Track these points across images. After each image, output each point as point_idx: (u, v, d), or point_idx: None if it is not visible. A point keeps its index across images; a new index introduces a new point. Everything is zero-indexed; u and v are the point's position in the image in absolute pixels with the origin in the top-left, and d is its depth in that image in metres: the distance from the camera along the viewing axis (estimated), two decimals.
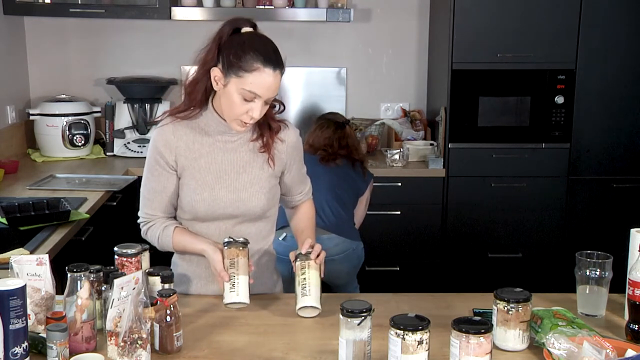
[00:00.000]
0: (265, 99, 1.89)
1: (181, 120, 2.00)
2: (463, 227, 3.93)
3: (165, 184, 2.03)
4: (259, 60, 1.84)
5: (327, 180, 3.21)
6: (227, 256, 1.88)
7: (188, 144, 2.00)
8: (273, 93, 1.90)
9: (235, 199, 2.02)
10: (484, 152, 3.87)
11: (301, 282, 1.90)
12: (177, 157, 2.00)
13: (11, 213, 2.63)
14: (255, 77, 1.85)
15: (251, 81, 1.85)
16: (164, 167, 2.01)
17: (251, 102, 1.88)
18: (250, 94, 1.86)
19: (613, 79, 3.83)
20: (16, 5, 3.87)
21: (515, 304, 1.66)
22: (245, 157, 2.03)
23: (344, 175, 3.29)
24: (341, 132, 3.37)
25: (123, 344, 1.53)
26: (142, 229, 2.10)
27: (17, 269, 1.72)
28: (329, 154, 3.28)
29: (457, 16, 3.75)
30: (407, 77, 4.42)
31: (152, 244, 2.07)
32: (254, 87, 1.85)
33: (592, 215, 3.94)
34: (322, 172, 3.20)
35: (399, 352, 1.49)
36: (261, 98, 1.88)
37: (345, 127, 3.40)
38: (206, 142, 2.01)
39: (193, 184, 2.01)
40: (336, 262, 3.14)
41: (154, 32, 4.25)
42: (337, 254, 3.15)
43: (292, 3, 4.07)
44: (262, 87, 1.86)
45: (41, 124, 3.96)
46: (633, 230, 1.83)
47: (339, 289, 3.28)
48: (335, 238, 3.14)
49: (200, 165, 2.01)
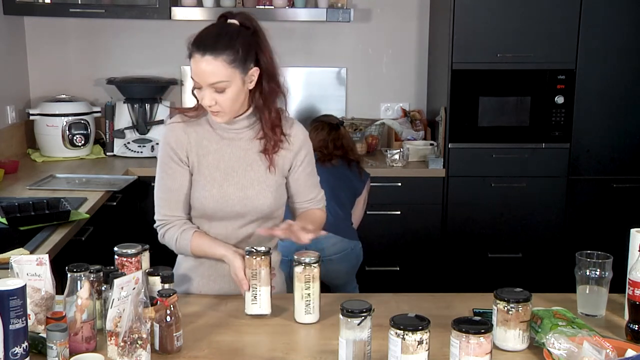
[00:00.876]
0: (206, 85, 1.88)
1: (190, 119, 2.03)
2: (463, 227, 3.93)
3: (181, 181, 2.02)
4: (193, 46, 1.88)
5: (324, 180, 3.17)
6: (249, 266, 1.87)
7: (197, 140, 2.02)
8: (210, 78, 1.87)
9: (243, 196, 2.02)
10: (484, 152, 3.87)
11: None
12: (188, 153, 2.02)
13: (11, 213, 2.63)
14: (192, 62, 1.89)
15: (191, 66, 1.89)
16: (178, 163, 2.01)
17: (200, 89, 1.91)
18: (195, 82, 1.91)
19: (613, 79, 3.83)
20: (16, 5, 3.87)
21: (515, 304, 1.66)
22: (252, 155, 2.04)
23: (341, 175, 3.29)
24: (335, 133, 3.38)
25: (123, 344, 1.53)
26: (159, 232, 2.06)
27: (17, 269, 1.72)
28: (324, 154, 3.28)
29: (457, 16, 3.75)
30: (407, 77, 4.42)
31: (169, 247, 2.05)
32: (192, 72, 1.90)
33: (592, 215, 3.94)
34: (319, 172, 3.19)
35: (399, 352, 1.49)
36: (202, 84, 1.89)
37: (339, 128, 3.42)
38: (214, 139, 2.02)
39: (202, 181, 2.01)
40: (334, 261, 3.14)
41: (154, 32, 4.25)
42: (334, 253, 3.15)
43: (292, 3, 4.07)
44: (196, 72, 1.89)
45: (41, 124, 3.96)
46: (633, 230, 1.83)
47: (338, 289, 3.28)
48: (332, 237, 3.13)
49: (208, 161, 2.02)
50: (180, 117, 2.04)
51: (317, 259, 1.86)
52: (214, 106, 1.91)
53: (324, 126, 3.39)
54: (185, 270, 2.11)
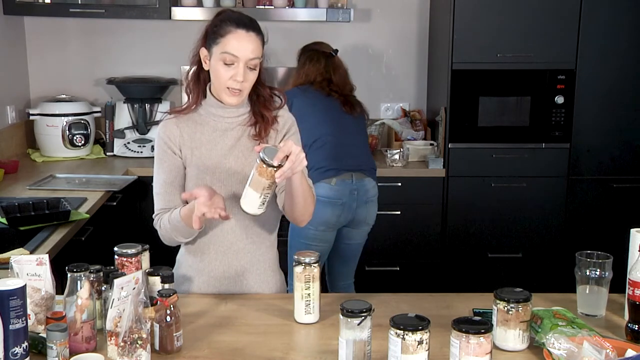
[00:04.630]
0: (245, 60, 1.95)
1: (183, 115, 2.07)
2: (463, 227, 3.93)
3: (176, 172, 2.05)
4: (232, 24, 1.96)
5: (355, 126, 3.43)
6: (264, 175, 1.78)
7: (190, 134, 2.06)
8: (252, 54, 1.95)
9: (236, 181, 2.03)
10: (484, 152, 3.87)
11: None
12: (181, 146, 2.05)
13: (11, 213, 2.63)
14: (230, 39, 1.94)
15: (227, 43, 1.94)
16: (172, 156, 2.05)
17: (232, 65, 1.95)
18: (229, 57, 1.94)
19: (613, 79, 3.83)
20: (16, 5, 3.87)
21: (515, 304, 1.66)
22: (245, 142, 2.06)
23: (364, 124, 3.50)
24: (333, 63, 3.44)
25: (123, 344, 1.53)
26: (156, 224, 2.06)
27: (17, 269, 1.72)
28: (341, 95, 3.39)
29: (457, 16, 3.75)
30: (407, 77, 4.42)
31: (165, 233, 2.03)
32: (230, 48, 1.94)
33: (592, 215, 3.94)
34: (350, 119, 3.38)
35: (399, 352, 1.49)
36: (239, 60, 1.94)
37: (334, 57, 3.46)
38: (207, 132, 2.06)
39: (195, 171, 2.04)
40: (374, 204, 3.37)
41: (154, 32, 4.25)
42: (374, 195, 3.37)
43: (292, 3, 4.07)
44: (237, 47, 1.94)
45: (41, 124, 3.96)
46: (633, 230, 1.83)
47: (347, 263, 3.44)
48: (372, 182, 3.36)
49: (201, 153, 2.05)
50: (174, 115, 2.09)
51: (317, 259, 1.86)
52: (241, 83, 1.96)
53: (319, 57, 3.42)
54: (186, 270, 2.12)
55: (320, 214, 3.17)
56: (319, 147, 3.25)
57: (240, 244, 2.07)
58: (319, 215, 2.98)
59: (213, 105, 2.06)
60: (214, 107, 2.06)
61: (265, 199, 1.84)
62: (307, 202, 1.98)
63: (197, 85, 2.07)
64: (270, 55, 2.07)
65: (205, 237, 2.08)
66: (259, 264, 2.11)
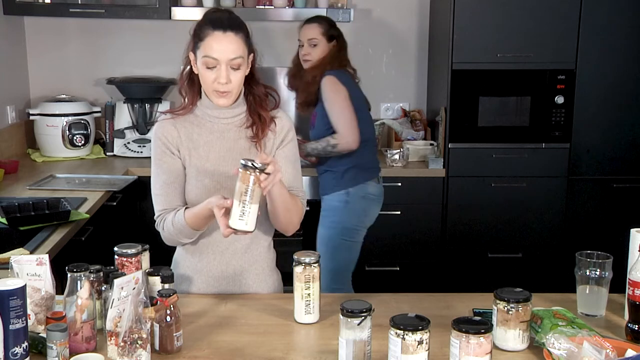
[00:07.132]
0: (225, 62, 1.94)
1: (180, 116, 2.06)
2: (463, 227, 3.93)
3: (176, 173, 2.04)
4: (209, 26, 1.95)
5: None
6: (243, 180, 1.77)
7: (187, 134, 2.05)
8: (232, 54, 1.94)
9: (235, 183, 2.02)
10: (484, 152, 3.87)
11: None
12: (179, 146, 2.04)
13: (11, 213, 2.63)
14: (208, 41, 1.94)
15: (206, 46, 1.94)
16: (171, 156, 2.04)
17: (215, 68, 1.95)
18: (210, 60, 1.94)
19: (613, 79, 3.83)
20: (16, 5, 3.87)
21: (515, 304, 1.66)
22: (242, 143, 2.06)
23: None
24: None
25: (123, 344, 1.53)
26: (158, 225, 2.05)
27: (17, 269, 1.72)
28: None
29: (457, 16, 3.75)
30: (407, 77, 4.42)
31: (168, 236, 2.03)
32: (209, 51, 1.94)
33: (592, 215, 3.94)
34: None
35: (399, 352, 1.49)
36: (220, 62, 1.93)
37: None
38: (204, 133, 2.05)
39: (194, 172, 2.04)
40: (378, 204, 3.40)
41: (154, 32, 4.25)
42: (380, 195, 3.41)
43: (292, 3, 4.07)
44: (216, 49, 1.93)
45: (41, 124, 3.96)
46: (633, 230, 1.83)
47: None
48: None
49: (199, 154, 2.04)
50: (170, 115, 2.08)
51: (317, 259, 1.86)
52: (226, 85, 1.95)
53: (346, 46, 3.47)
54: (184, 270, 2.12)
55: (373, 213, 3.29)
56: (370, 145, 3.33)
57: (238, 245, 2.08)
58: (371, 214, 3.17)
59: (208, 107, 2.05)
60: (210, 109, 2.05)
61: (245, 210, 1.76)
62: (290, 213, 2.00)
63: (191, 86, 2.06)
64: (270, 55, 2.06)
65: (205, 238, 2.08)
66: (257, 264, 2.11)
